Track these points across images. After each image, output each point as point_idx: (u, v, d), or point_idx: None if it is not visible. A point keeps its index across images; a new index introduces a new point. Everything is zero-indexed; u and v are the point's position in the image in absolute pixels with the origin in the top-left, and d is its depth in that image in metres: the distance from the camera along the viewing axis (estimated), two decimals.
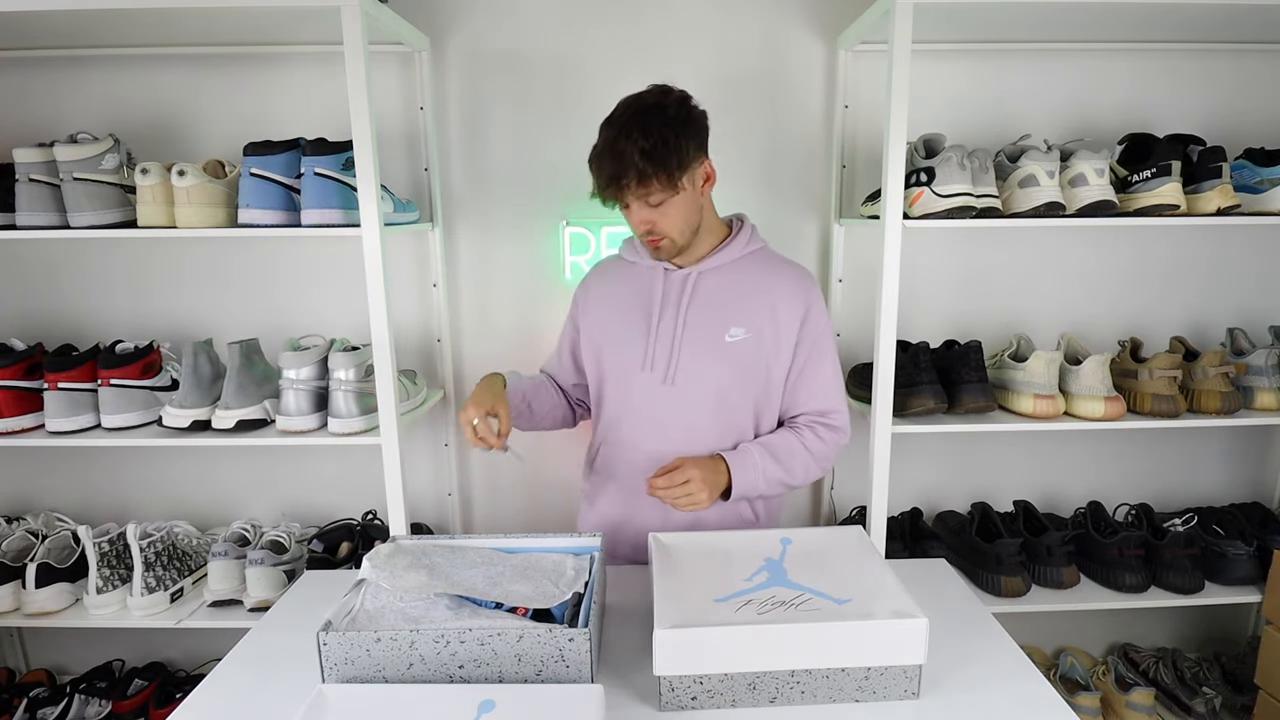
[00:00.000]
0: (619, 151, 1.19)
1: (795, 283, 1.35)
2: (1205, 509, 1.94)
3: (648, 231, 1.27)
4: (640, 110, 1.22)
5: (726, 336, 1.31)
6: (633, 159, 1.18)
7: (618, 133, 1.20)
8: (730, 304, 1.32)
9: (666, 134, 1.20)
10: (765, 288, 1.33)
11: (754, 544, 1.17)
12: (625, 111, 1.23)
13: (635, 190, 1.22)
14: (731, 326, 1.32)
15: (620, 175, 1.20)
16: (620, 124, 1.21)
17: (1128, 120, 1.86)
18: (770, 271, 1.36)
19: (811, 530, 1.24)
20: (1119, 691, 1.82)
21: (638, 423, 1.36)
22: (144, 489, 2.03)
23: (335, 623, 0.98)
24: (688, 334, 1.32)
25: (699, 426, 1.33)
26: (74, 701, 1.85)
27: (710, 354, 1.32)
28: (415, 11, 1.77)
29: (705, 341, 1.32)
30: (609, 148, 1.20)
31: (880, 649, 0.94)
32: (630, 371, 1.35)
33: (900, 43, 1.45)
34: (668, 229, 1.27)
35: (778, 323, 1.32)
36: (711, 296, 1.33)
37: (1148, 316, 1.97)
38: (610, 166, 1.20)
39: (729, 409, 1.34)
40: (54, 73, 1.82)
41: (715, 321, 1.32)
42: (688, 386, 1.32)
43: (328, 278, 1.92)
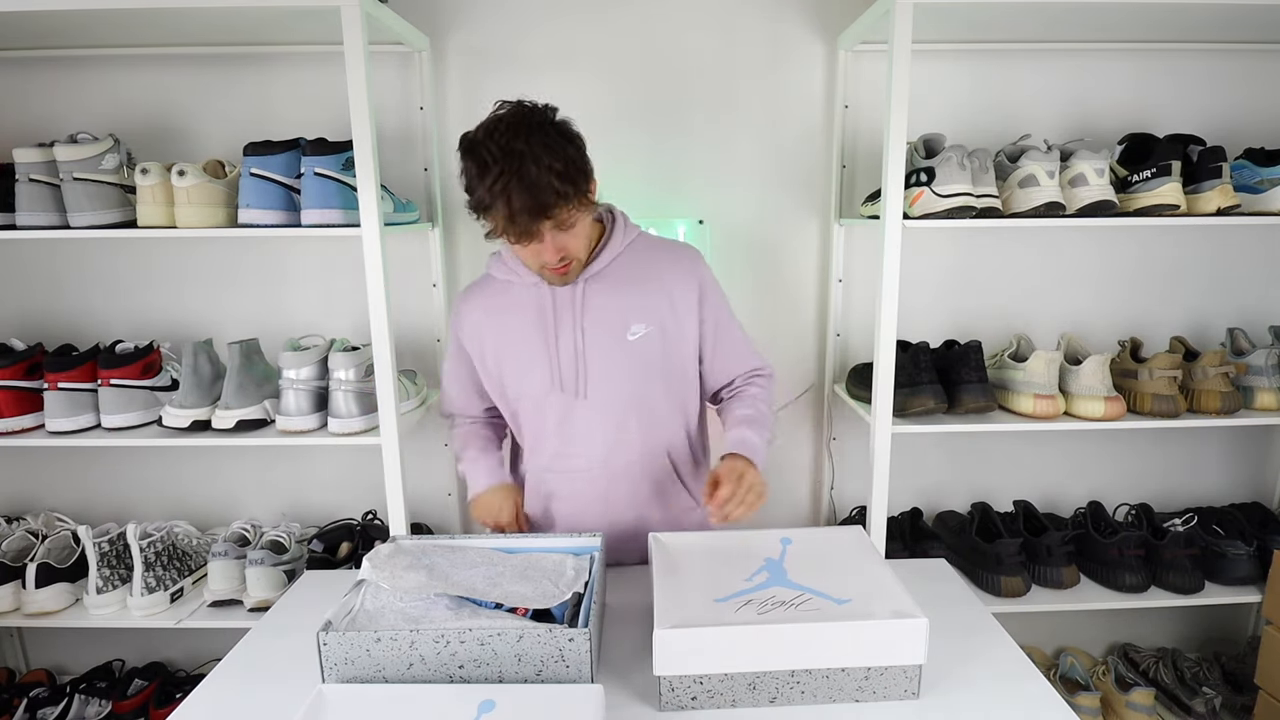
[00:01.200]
0: (532, 180, 1.07)
1: (682, 263, 1.32)
2: (1205, 509, 1.94)
3: (560, 259, 1.18)
4: (534, 130, 1.10)
5: (629, 336, 1.28)
6: (550, 184, 1.08)
7: (522, 161, 1.07)
8: (624, 303, 1.28)
9: (569, 150, 1.12)
10: (654, 276, 1.29)
11: (754, 544, 1.17)
12: (516, 137, 1.09)
13: (556, 217, 1.11)
14: (632, 324, 1.28)
15: (543, 204, 1.08)
16: (520, 151, 1.08)
17: (1128, 120, 1.86)
18: (655, 258, 1.31)
19: (811, 530, 1.24)
20: (1119, 691, 1.82)
21: (561, 442, 1.33)
22: (144, 489, 2.03)
23: (335, 623, 0.98)
24: (589, 344, 1.27)
25: (624, 432, 1.31)
26: (74, 701, 1.85)
27: (618, 358, 1.28)
28: (415, 11, 1.77)
29: (609, 347, 1.27)
30: (518, 179, 1.07)
31: (880, 649, 0.94)
32: (541, 394, 1.30)
33: (900, 43, 1.45)
34: (578, 250, 1.20)
35: (676, 308, 1.30)
36: (604, 299, 1.28)
37: (1148, 316, 1.97)
38: (526, 199, 1.08)
39: (650, 407, 1.32)
40: (54, 73, 1.82)
41: (614, 324, 1.27)
42: (602, 396, 1.29)
43: (328, 278, 1.92)
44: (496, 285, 1.34)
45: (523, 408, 1.35)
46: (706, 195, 1.90)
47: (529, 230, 1.11)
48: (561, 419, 1.31)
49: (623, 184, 1.82)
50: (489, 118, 1.15)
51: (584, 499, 1.35)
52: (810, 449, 2.06)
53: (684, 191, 1.91)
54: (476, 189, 1.12)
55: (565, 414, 1.31)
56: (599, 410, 1.30)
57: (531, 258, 1.20)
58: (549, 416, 1.32)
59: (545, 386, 1.30)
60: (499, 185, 1.08)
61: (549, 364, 1.29)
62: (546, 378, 1.29)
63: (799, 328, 1.99)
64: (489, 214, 1.13)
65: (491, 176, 1.09)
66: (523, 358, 1.30)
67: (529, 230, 1.11)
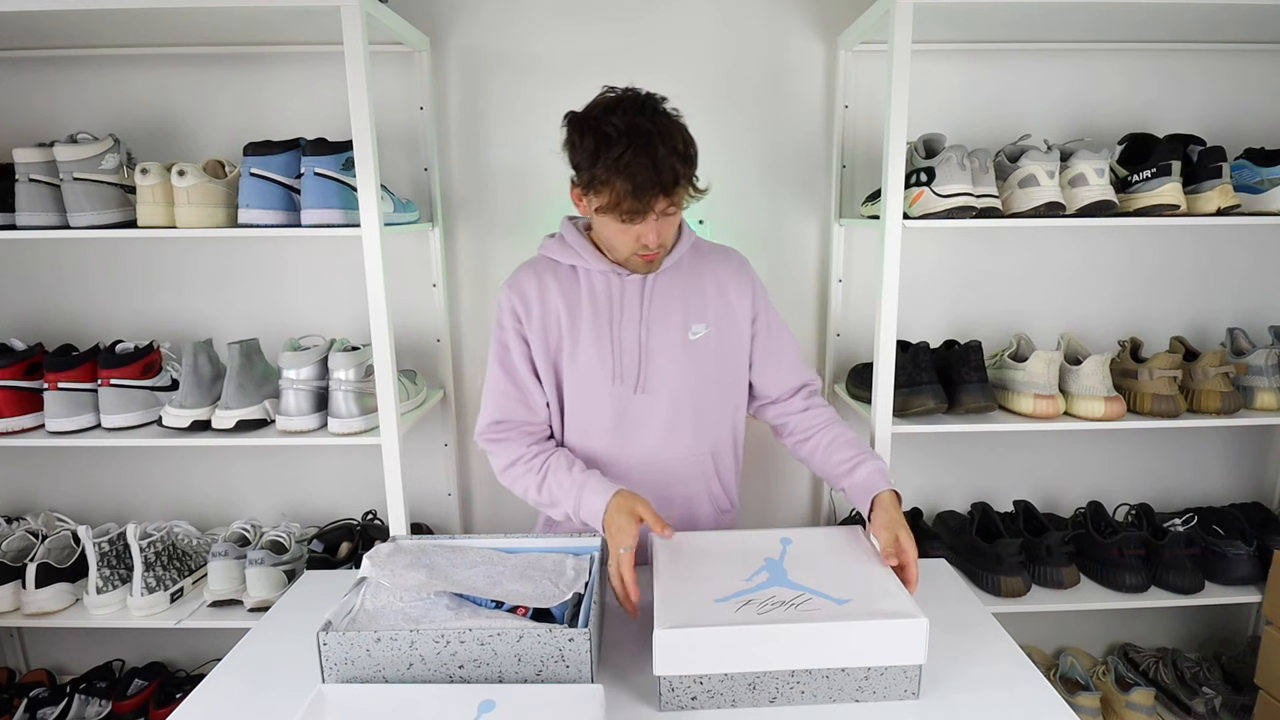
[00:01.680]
0: (659, 158, 1.09)
1: (735, 266, 1.35)
2: (1205, 509, 1.94)
3: (659, 244, 1.19)
4: (657, 112, 1.14)
5: (690, 335, 1.29)
6: (673, 164, 1.10)
7: (648, 138, 1.09)
8: (687, 301, 1.29)
9: (687, 135, 1.15)
10: (712, 278, 1.32)
11: (754, 544, 1.17)
12: (641, 115, 1.12)
13: (674, 196, 1.13)
14: (693, 324, 1.29)
15: (664, 182, 1.10)
16: (647, 129, 1.10)
17: (1128, 120, 1.86)
18: (710, 261, 1.34)
19: (812, 530, 1.23)
20: (1119, 691, 1.82)
21: (612, 436, 1.31)
22: (144, 489, 2.03)
23: (335, 623, 0.98)
24: (653, 340, 1.27)
25: (676, 431, 1.31)
26: (74, 701, 1.85)
27: (679, 357, 1.28)
28: (415, 11, 1.77)
29: (671, 344, 1.28)
30: (645, 155, 1.08)
31: (880, 649, 0.94)
32: (598, 385, 1.28)
33: (900, 43, 1.45)
34: (670, 237, 1.22)
35: (732, 310, 1.32)
36: (669, 296, 1.29)
37: (1148, 316, 1.97)
38: (651, 175, 1.09)
39: (703, 407, 1.33)
40: (54, 73, 1.82)
41: (677, 322, 1.28)
42: (662, 394, 1.29)
43: (328, 278, 1.92)
44: (560, 266, 1.30)
45: (572, 396, 1.31)
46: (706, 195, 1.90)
47: (646, 207, 1.12)
48: (614, 412, 1.30)
49: None
50: (603, 98, 1.16)
51: None
52: None
53: None
54: (595, 164, 1.11)
55: (622, 408, 1.29)
56: (657, 407, 1.30)
57: (630, 240, 1.18)
58: (604, 408, 1.30)
59: (605, 377, 1.28)
60: (624, 159, 1.09)
61: (611, 355, 1.28)
62: (608, 369, 1.28)
63: (799, 328, 1.99)
64: (605, 188, 1.12)
65: (617, 150, 1.09)
66: (582, 343, 1.28)
67: (646, 207, 1.12)
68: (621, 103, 1.14)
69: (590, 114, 1.15)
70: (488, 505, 2.09)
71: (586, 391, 1.30)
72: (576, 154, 1.15)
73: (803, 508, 2.10)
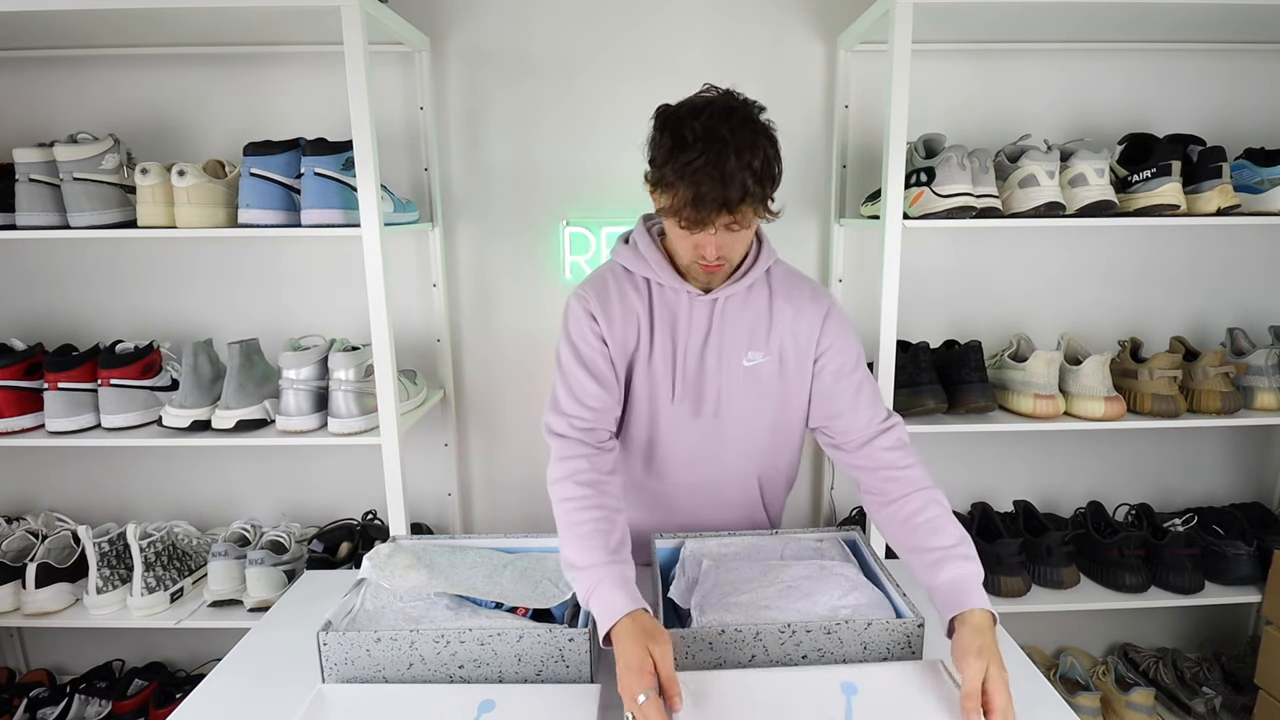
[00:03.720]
0: (727, 172, 1.02)
1: (812, 299, 1.25)
2: (1205, 509, 1.94)
3: (718, 257, 1.12)
4: (743, 123, 1.06)
5: (745, 361, 1.23)
6: (743, 181, 1.02)
7: (723, 149, 1.02)
8: (750, 327, 1.23)
9: (770, 151, 1.06)
10: (784, 307, 1.24)
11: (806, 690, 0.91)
12: (724, 123, 1.04)
13: (738, 213, 1.05)
14: (750, 351, 1.23)
15: (729, 199, 1.03)
16: (724, 139, 1.03)
17: (1128, 120, 1.86)
18: (786, 289, 1.26)
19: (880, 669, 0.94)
20: (1119, 691, 1.82)
21: (663, 455, 1.28)
22: (144, 489, 2.03)
23: (335, 623, 0.98)
24: (718, 364, 1.23)
25: (724, 456, 1.29)
26: (74, 701, 1.85)
27: (732, 381, 1.24)
28: (415, 11, 1.77)
29: (726, 368, 1.23)
30: (715, 166, 1.02)
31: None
32: (657, 403, 1.25)
33: (900, 43, 1.45)
34: (735, 253, 1.14)
35: (798, 343, 1.24)
36: (736, 321, 1.23)
37: (1148, 316, 1.97)
38: (717, 188, 1.02)
39: (752, 435, 1.28)
40: (54, 73, 1.82)
41: (735, 347, 1.23)
42: (718, 419, 1.25)
43: (328, 278, 1.92)
44: (637, 279, 1.24)
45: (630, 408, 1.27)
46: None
47: (705, 219, 1.06)
48: (671, 433, 1.26)
49: (623, 184, 1.83)
50: (695, 97, 1.10)
51: (670, 511, 1.32)
52: (810, 449, 2.06)
53: None
54: (665, 164, 1.06)
55: (677, 429, 1.26)
56: (711, 432, 1.26)
57: (690, 248, 1.13)
58: (659, 427, 1.27)
59: (665, 395, 1.24)
60: (692, 166, 1.03)
61: (672, 373, 1.23)
62: (668, 387, 1.24)
63: None
64: (670, 191, 1.07)
65: (689, 155, 1.03)
66: (649, 358, 1.23)
67: (705, 219, 1.06)
68: (709, 106, 1.07)
69: (676, 112, 1.09)
70: (488, 505, 2.09)
71: (643, 407, 1.27)
72: (654, 149, 1.10)
73: (803, 508, 2.10)
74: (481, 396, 2.01)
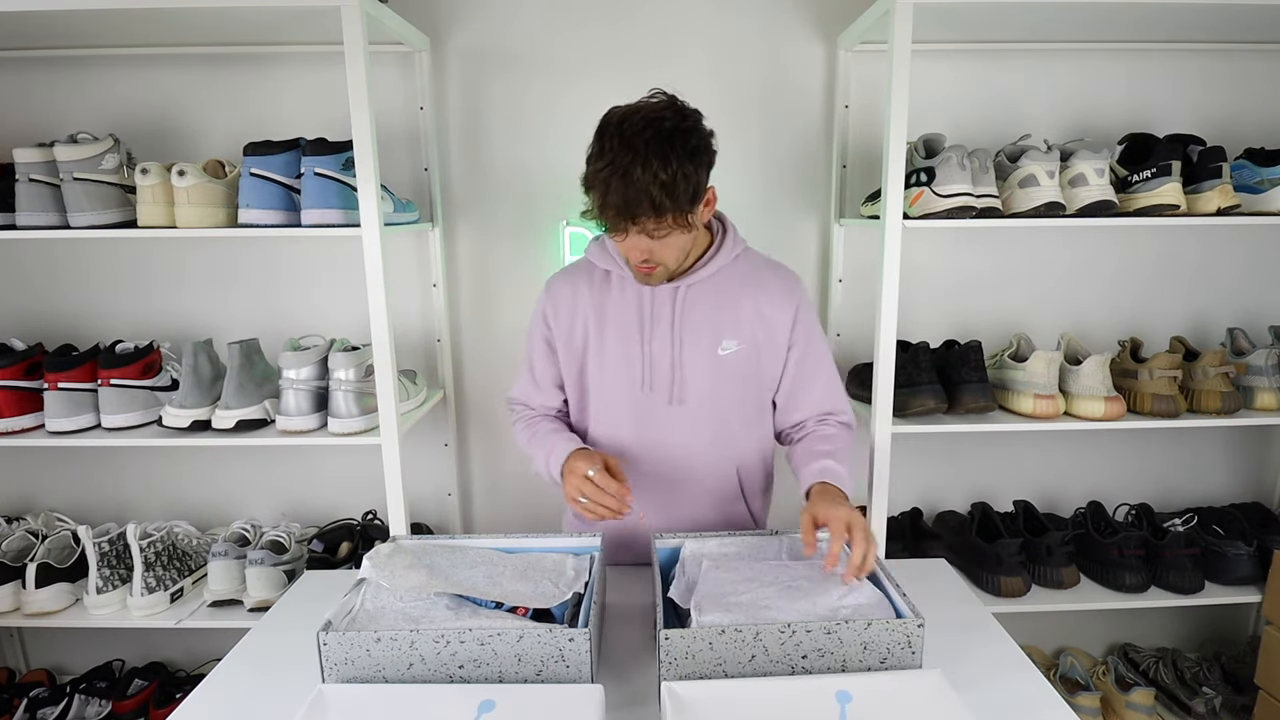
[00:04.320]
0: (633, 181, 1.06)
1: (781, 284, 1.30)
2: (1205, 509, 1.94)
3: (644, 259, 1.17)
4: (659, 136, 1.07)
5: (720, 350, 1.27)
6: (648, 191, 1.06)
7: (632, 159, 1.06)
8: (720, 316, 1.27)
9: (687, 167, 1.08)
10: (752, 294, 1.28)
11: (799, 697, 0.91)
12: (640, 135, 1.07)
13: (642, 224, 1.10)
14: (724, 339, 1.27)
15: (632, 210, 1.08)
16: (636, 150, 1.06)
17: (1128, 120, 1.86)
18: (756, 276, 1.30)
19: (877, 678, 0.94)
20: (1119, 691, 1.82)
21: (635, 442, 1.31)
22: (144, 489, 2.03)
23: (335, 623, 0.98)
24: (685, 351, 1.26)
25: (698, 442, 1.31)
26: (74, 701, 1.85)
27: (708, 370, 1.27)
28: (415, 11, 1.77)
29: (700, 357, 1.27)
30: (621, 174, 1.06)
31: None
32: (625, 392, 1.29)
33: (900, 43, 1.45)
34: (666, 258, 1.18)
35: (770, 329, 1.28)
36: (701, 309, 1.27)
37: (1148, 316, 1.97)
38: (621, 196, 1.07)
39: (726, 422, 1.31)
40: (54, 73, 1.82)
41: (709, 335, 1.27)
42: (690, 405, 1.28)
43: (328, 278, 1.92)
44: (596, 272, 1.32)
45: (598, 401, 1.32)
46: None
47: (616, 225, 1.12)
48: (640, 420, 1.29)
49: None
50: (637, 103, 1.14)
51: (647, 501, 1.32)
52: None
53: None
54: (588, 166, 1.12)
55: (648, 417, 1.29)
56: (683, 418, 1.29)
57: (621, 249, 1.21)
58: (626, 415, 1.30)
59: (633, 384, 1.28)
60: (604, 173, 1.08)
61: (639, 363, 1.27)
62: (634, 376, 1.28)
63: None
64: (591, 194, 1.13)
65: (602, 162, 1.09)
66: (611, 350, 1.28)
67: (616, 225, 1.12)
68: (637, 114, 1.11)
69: (610, 117, 1.13)
70: (488, 505, 2.09)
71: (610, 397, 1.31)
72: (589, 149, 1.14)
73: (800, 508, 2.10)
74: (481, 396, 2.01)
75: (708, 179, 1.15)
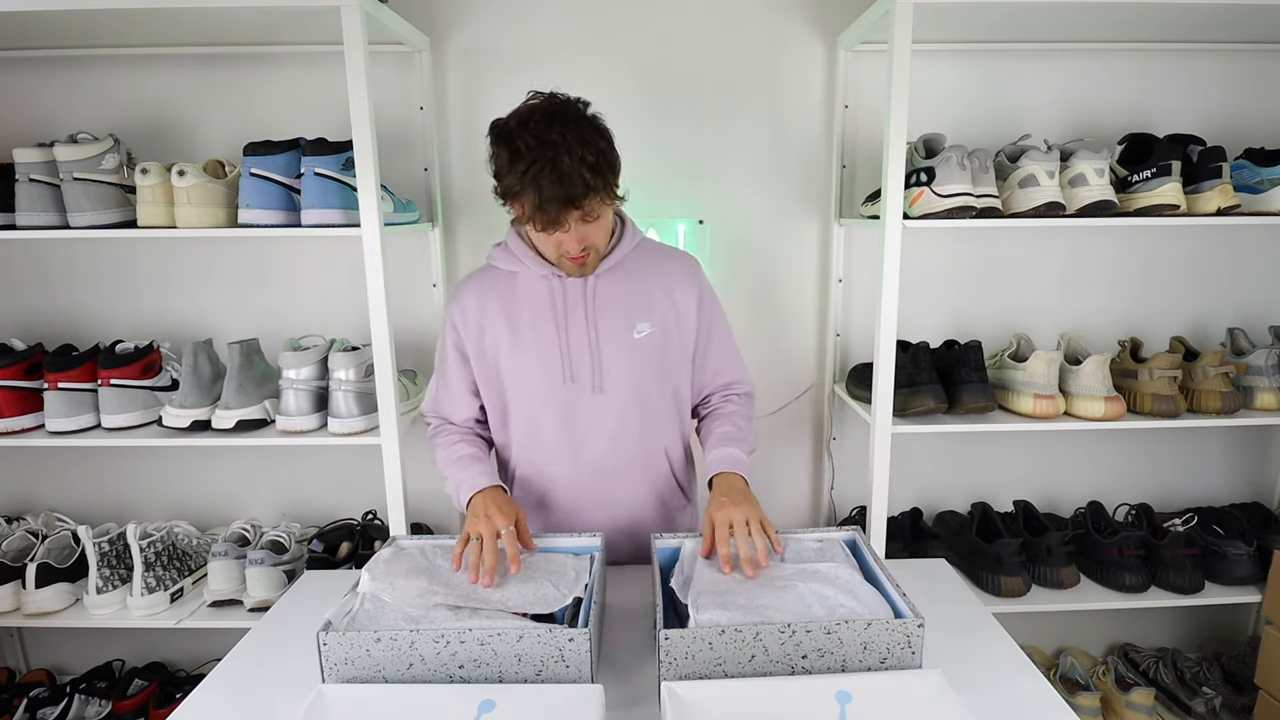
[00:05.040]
0: (564, 172, 1.09)
1: (684, 268, 1.35)
2: (1205, 509, 1.94)
3: (582, 249, 1.20)
4: (569, 124, 1.12)
5: (635, 334, 1.30)
6: (581, 176, 1.10)
7: (556, 150, 1.09)
8: (631, 301, 1.30)
9: (601, 143, 1.14)
10: (658, 278, 1.32)
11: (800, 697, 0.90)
12: (551, 127, 1.11)
13: (585, 208, 1.13)
14: (637, 322, 1.30)
15: (572, 195, 1.10)
16: (554, 141, 1.10)
17: (1128, 120, 1.86)
18: (659, 261, 1.34)
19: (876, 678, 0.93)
20: (1119, 691, 1.82)
21: (562, 438, 1.31)
22: (144, 489, 2.03)
23: (335, 623, 0.98)
24: (602, 336, 1.28)
25: (628, 429, 1.32)
26: (74, 701, 1.85)
27: (627, 354, 1.29)
28: (415, 11, 1.77)
29: (618, 342, 1.29)
30: (551, 168, 1.09)
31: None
32: (548, 387, 1.29)
33: (900, 43, 1.45)
34: (599, 241, 1.22)
35: (678, 310, 1.32)
36: (613, 295, 1.30)
37: (1148, 316, 1.97)
38: (557, 188, 1.10)
39: (652, 405, 1.33)
40: (54, 73, 1.82)
41: (622, 320, 1.29)
42: (614, 392, 1.30)
43: (328, 278, 1.92)
44: (500, 275, 1.33)
45: (519, 401, 1.33)
46: (706, 195, 1.90)
47: (556, 219, 1.13)
48: (565, 413, 1.31)
49: (623, 184, 1.82)
50: (522, 106, 1.16)
51: (582, 496, 1.35)
52: (810, 449, 2.06)
53: (684, 191, 1.91)
54: (506, 175, 1.13)
55: (570, 408, 1.30)
56: (609, 406, 1.30)
57: (553, 247, 1.21)
58: (550, 410, 1.31)
59: (551, 378, 1.29)
60: (531, 173, 1.10)
61: (558, 355, 1.28)
62: (554, 369, 1.29)
63: (799, 328, 1.99)
64: (517, 200, 1.14)
65: (524, 164, 1.10)
66: (527, 348, 1.29)
67: (556, 219, 1.13)
68: (534, 114, 1.13)
69: (507, 125, 1.15)
70: None
71: (531, 396, 1.31)
72: (495, 163, 1.16)
73: (803, 508, 2.10)
74: None
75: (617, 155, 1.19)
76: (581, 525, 1.35)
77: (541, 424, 1.32)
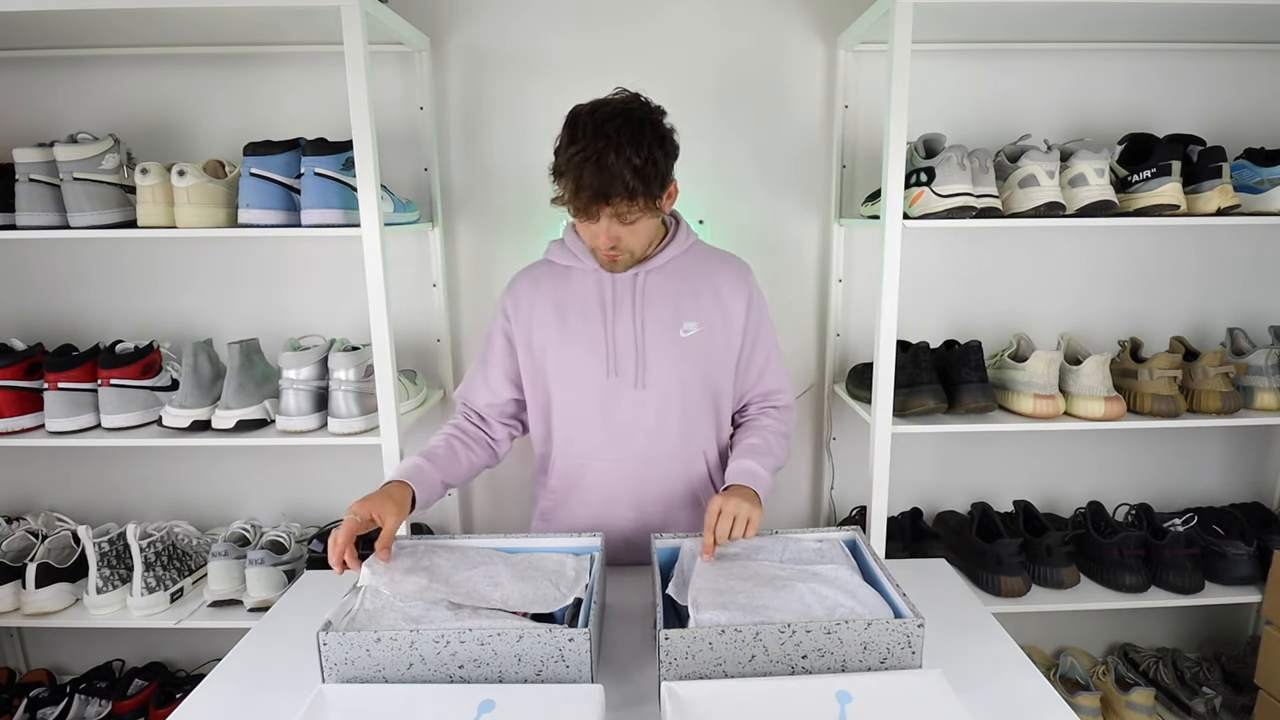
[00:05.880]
0: (607, 165, 1.11)
1: (735, 271, 1.36)
2: (1205, 509, 1.94)
3: (611, 246, 1.22)
4: (631, 123, 1.14)
5: (681, 332, 1.31)
6: (623, 176, 1.12)
7: (606, 145, 1.12)
8: (679, 300, 1.32)
9: (656, 153, 1.15)
10: (708, 280, 1.34)
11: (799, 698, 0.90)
12: (612, 122, 1.13)
13: (617, 208, 1.15)
14: (685, 322, 1.31)
15: (607, 191, 1.13)
16: (609, 136, 1.12)
17: (1128, 120, 1.86)
18: (709, 264, 1.36)
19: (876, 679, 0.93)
20: (1119, 691, 1.82)
21: (603, 430, 1.33)
22: (144, 489, 2.03)
23: (335, 623, 0.98)
24: (648, 332, 1.30)
25: (668, 426, 1.33)
26: (74, 701, 1.85)
27: (672, 352, 1.31)
28: (415, 11, 1.77)
29: (663, 339, 1.30)
30: (596, 159, 1.11)
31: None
32: (591, 379, 1.31)
33: (900, 43, 1.45)
34: (633, 245, 1.24)
35: (726, 312, 1.33)
36: (662, 293, 1.31)
37: (1148, 316, 1.97)
38: (595, 180, 1.12)
39: (693, 405, 1.34)
40: (54, 73, 1.82)
41: (669, 318, 1.31)
42: (656, 388, 1.31)
43: (328, 278, 1.92)
44: (554, 269, 1.36)
45: (561, 392, 1.34)
46: (706, 195, 1.90)
47: (587, 209, 1.16)
48: (606, 406, 1.32)
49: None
50: (604, 97, 1.20)
51: (618, 490, 1.35)
52: (810, 449, 2.06)
53: (684, 191, 1.88)
54: (560, 154, 1.17)
55: (615, 402, 1.31)
56: (650, 402, 1.31)
57: (590, 236, 1.24)
58: (596, 402, 1.32)
59: (599, 371, 1.30)
60: (578, 159, 1.13)
61: (603, 349, 1.30)
62: (599, 362, 1.30)
63: (799, 328, 1.99)
64: (561, 180, 1.18)
65: (576, 148, 1.14)
66: (573, 340, 1.31)
67: (587, 209, 1.16)
68: (605, 106, 1.17)
69: (579, 109, 1.19)
70: (488, 505, 2.09)
71: (577, 386, 1.33)
72: (557, 142, 1.20)
73: (803, 508, 2.10)
74: None
75: (673, 169, 1.22)
76: (615, 519, 1.35)
77: (582, 416, 1.34)
